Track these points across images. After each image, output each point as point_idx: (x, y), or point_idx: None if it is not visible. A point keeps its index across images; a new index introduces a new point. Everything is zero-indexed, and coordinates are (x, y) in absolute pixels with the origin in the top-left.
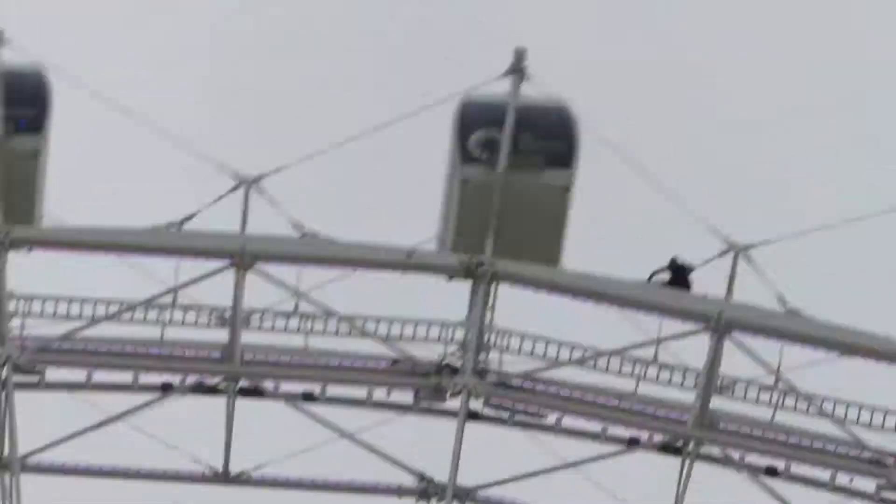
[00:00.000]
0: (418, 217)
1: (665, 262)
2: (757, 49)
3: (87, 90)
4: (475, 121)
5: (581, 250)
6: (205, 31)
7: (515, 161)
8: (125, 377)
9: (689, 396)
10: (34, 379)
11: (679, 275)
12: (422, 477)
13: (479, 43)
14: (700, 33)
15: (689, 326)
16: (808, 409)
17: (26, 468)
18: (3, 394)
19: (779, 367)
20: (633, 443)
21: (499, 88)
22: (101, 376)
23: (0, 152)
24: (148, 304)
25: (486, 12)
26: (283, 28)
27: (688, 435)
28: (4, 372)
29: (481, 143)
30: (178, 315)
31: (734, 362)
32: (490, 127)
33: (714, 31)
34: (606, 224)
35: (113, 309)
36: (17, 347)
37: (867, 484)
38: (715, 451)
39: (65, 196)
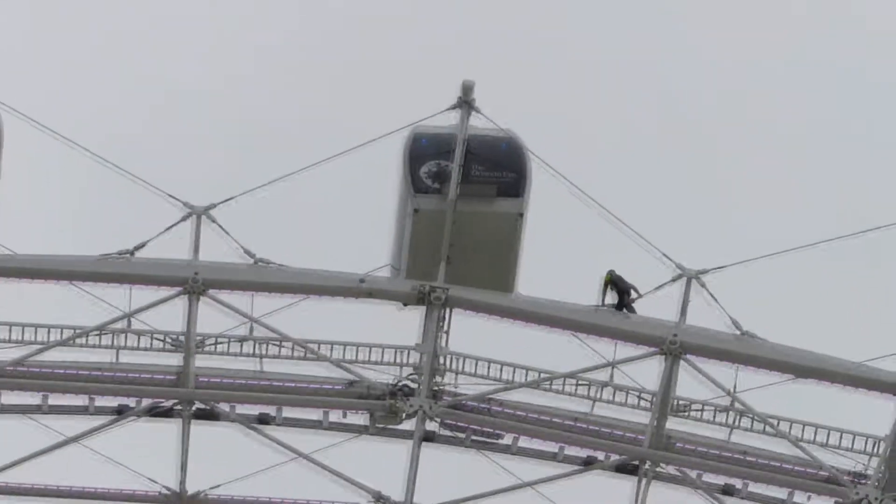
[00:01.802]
0: (372, 247)
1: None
2: (713, 81)
3: (34, 122)
4: (425, 152)
5: (534, 277)
6: (155, 65)
7: (467, 190)
8: (80, 401)
9: (644, 418)
10: None
11: (620, 286)
12: (378, 496)
13: (428, 75)
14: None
15: (643, 350)
16: (763, 430)
17: None
18: None
19: (734, 389)
20: (589, 463)
21: (448, 120)
22: (56, 400)
23: None
24: (101, 329)
25: (434, 45)
26: (233, 61)
27: (644, 455)
28: None
29: (432, 173)
30: (132, 340)
31: (690, 384)
32: (440, 157)
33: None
34: (559, 251)
35: (67, 334)
36: None
37: (825, 502)
38: (671, 470)
39: (16, 226)
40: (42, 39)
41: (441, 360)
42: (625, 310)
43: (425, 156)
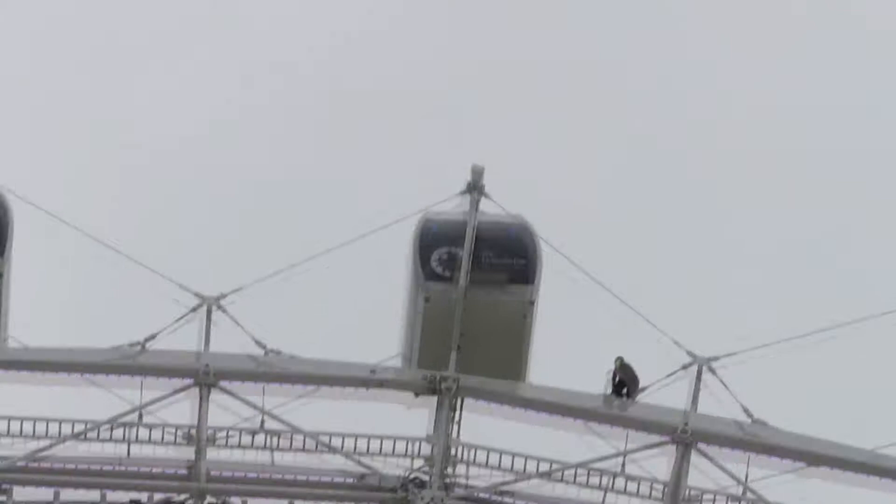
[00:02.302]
0: (381, 334)
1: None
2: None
3: (46, 213)
4: (436, 238)
5: (546, 364)
6: (162, 154)
7: (478, 277)
8: (93, 495)
9: None
10: (2, 498)
11: (627, 374)
12: None
13: (438, 161)
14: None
15: (654, 438)
16: None
17: None
18: None
19: (746, 478)
20: None
21: (458, 206)
22: (68, 495)
23: None
24: (113, 422)
25: (444, 131)
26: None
27: None
28: None
29: (443, 261)
30: (143, 433)
31: (701, 473)
32: (451, 244)
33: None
34: (571, 338)
35: (79, 428)
36: None
37: None
38: None
39: (27, 318)
40: (48, 129)
41: (453, 451)
42: (628, 398)
43: (435, 243)
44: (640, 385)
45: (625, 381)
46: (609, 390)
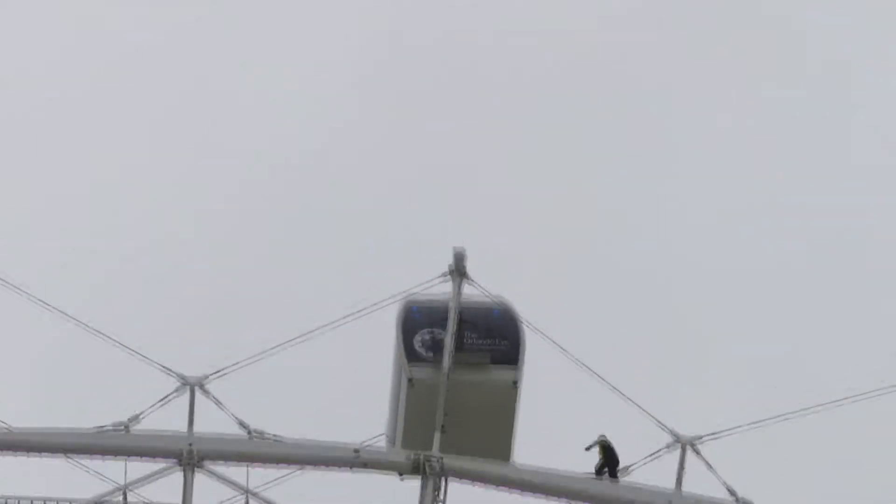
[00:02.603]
0: (367, 414)
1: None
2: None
3: (28, 294)
4: (419, 321)
5: (531, 444)
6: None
7: (462, 359)
8: None
9: None
10: None
11: (608, 454)
12: None
13: (420, 244)
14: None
15: None
16: None
17: None
18: None
19: None
20: None
21: (440, 289)
22: None
23: None
24: (98, 502)
25: (426, 214)
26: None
27: None
28: None
29: (426, 343)
30: None
31: None
32: (434, 326)
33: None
34: (555, 419)
35: None
36: None
37: None
38: None
39: (11, 399)
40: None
41: None
42: (609, 477)
43: (418, 325)
44: (624, 465)
45: (606, 462)
46: (597, 471)
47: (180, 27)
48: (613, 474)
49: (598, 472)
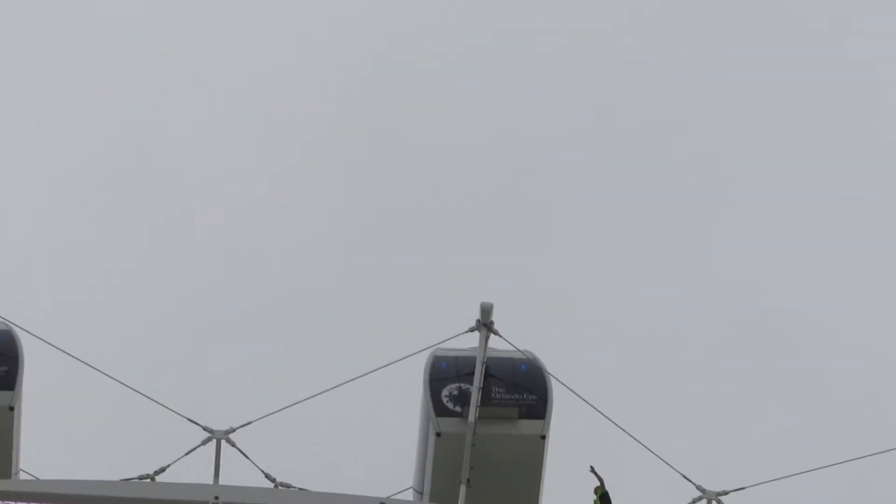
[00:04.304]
0: (392, 468)
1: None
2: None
3: (53, 345)
4: (446, 374)
5: (558, 498)
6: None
7: (488, 413)
8: None
9: None
10: None
11: (605, 502)
12: None
13: (447, 297)
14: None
15: None
16: None
17: None
18: None
19: None
20: None
21: (468, 343)
22: None
23: None
24: None
25: (451, 268)
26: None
27: None
28: None
29: (453, 396)
30: None
31: None
32: (461, 380)
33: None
34: (582, 472)
35: None
36: None
37: None
38: None
39: (36, 450)
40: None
41: None
42: None
43: (446, 378)
44: None
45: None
46: None
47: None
48: None
49: None
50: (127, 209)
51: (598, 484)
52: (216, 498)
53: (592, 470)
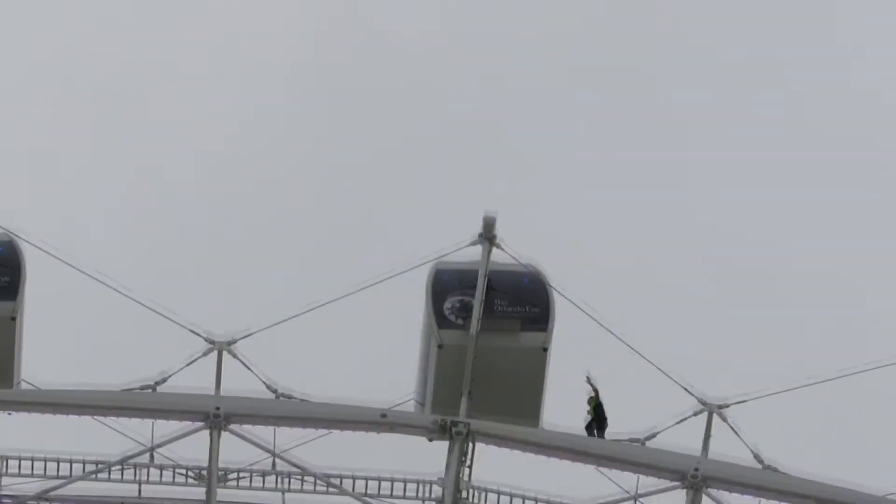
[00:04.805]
0: (394, 378)
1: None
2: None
3: (54, 255)
4: (448, 287)
5: (559, 408)
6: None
7: (490, 325)
8: None
9: None
10: None
11: (598, 413)
12: None
13: (450, 209)
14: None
15: (665, 482)
16: None
17: None
18: None
19: None
20: None
21: (470, 254)
22: None
23: None
24: (124, 462)
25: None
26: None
27: None
28: None
29: (455, 308)
30: (154, 474)
31: None
32: (464, 292)
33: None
34: (582, 383)
35: (90, 468)
36: None
37: None
38: None
39: (38, 359)
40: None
41: (463, 494)
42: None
43: (448, 291)
44: (651, 429)
45: (595, 419)
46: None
47: None
48: (601, 434)
49: (588, 429)
50: (138, 117)
51: (592, 395)
52: (217, 408)
53: (588, 380)
